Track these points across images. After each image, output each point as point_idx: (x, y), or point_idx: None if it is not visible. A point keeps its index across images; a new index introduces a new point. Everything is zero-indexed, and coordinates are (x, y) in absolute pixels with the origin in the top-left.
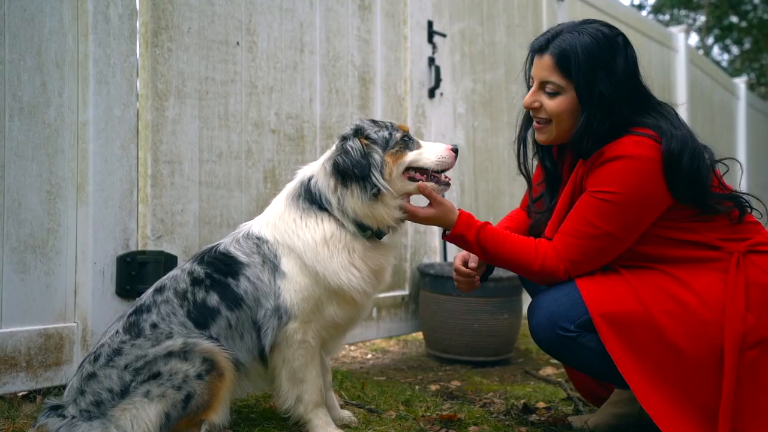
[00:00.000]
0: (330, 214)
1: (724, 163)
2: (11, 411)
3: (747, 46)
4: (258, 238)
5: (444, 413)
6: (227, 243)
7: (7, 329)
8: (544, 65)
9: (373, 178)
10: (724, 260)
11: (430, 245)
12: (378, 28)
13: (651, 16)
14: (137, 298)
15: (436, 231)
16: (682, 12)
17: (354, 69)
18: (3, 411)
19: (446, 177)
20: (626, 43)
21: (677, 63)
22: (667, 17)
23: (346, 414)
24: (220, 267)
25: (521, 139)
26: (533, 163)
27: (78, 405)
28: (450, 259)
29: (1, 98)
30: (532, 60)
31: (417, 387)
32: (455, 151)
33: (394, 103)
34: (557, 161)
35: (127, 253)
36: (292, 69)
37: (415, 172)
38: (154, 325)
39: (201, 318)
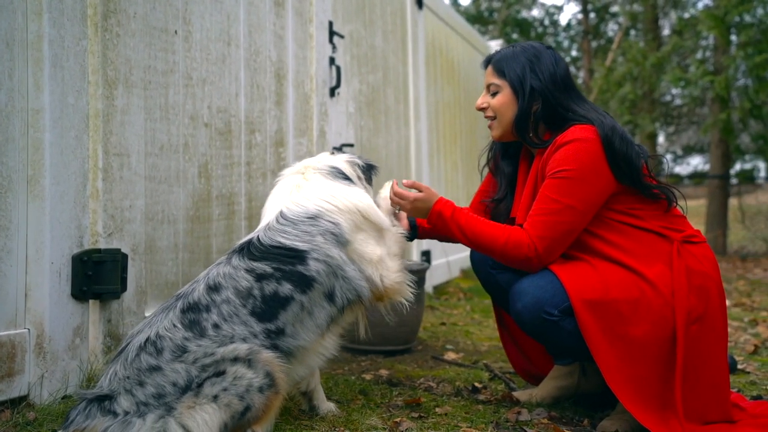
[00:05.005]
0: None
1: (652, 158)
2: None
3: None
4: (311, 216)
5: (406, 399)
6: (270, 234)
7: None
8: (488, 74)
9: None
10: (668, 250)
11: None
12: (290, 24)
13: None
14: (178, 291)
15: None
16: (478, 27)
17: (271, 64)
18: None
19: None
20: (553, 51)
21: None
22: None
23: (332, 405)
24: (284, 260)
25: (490, 149)
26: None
27: (134, 396)
28: None
29: None
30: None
31: (353, 377)
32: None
33: (302, 100)
34: (515, 168)
35: (82, 252)
36: (221, 62)
37: None
38: (216, 326)
39: (268, 311)
